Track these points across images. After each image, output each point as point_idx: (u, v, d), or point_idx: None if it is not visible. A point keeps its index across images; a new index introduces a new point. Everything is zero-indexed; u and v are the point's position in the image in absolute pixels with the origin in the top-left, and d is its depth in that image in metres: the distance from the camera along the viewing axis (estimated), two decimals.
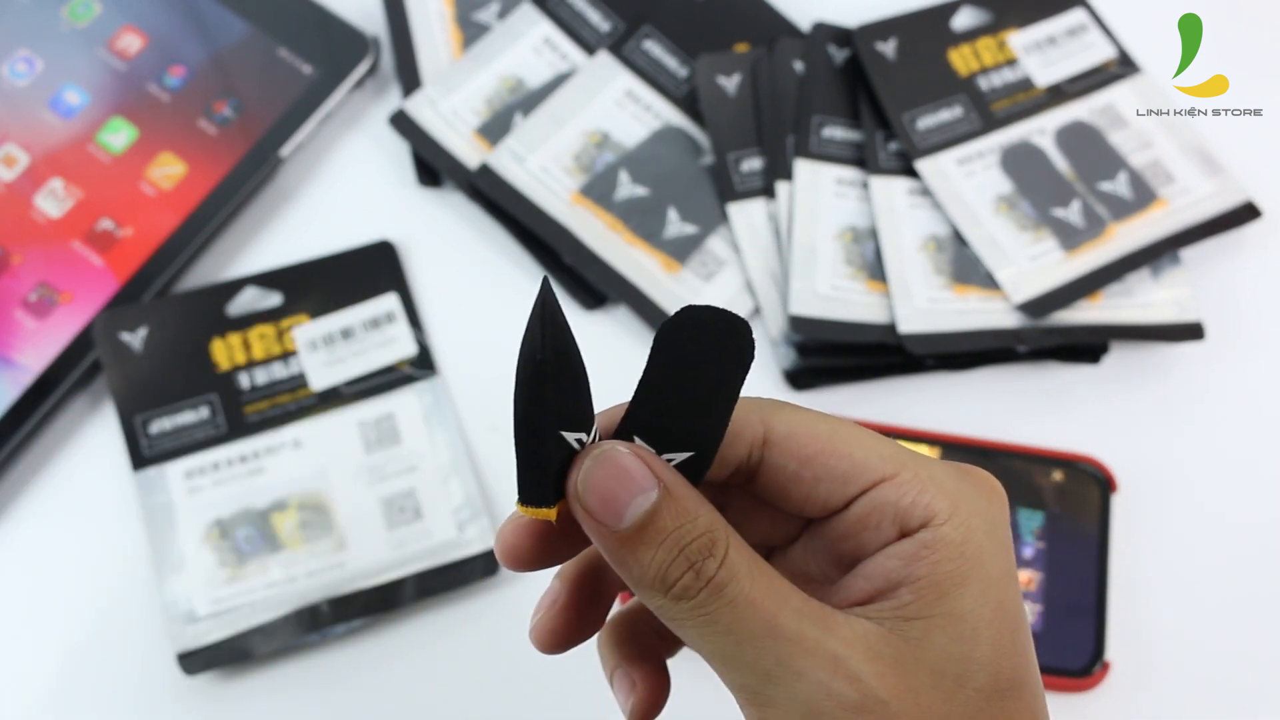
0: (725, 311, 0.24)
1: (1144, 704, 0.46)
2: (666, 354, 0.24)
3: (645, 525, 0.24)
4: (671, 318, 0.24)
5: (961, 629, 0.24)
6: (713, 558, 0.24)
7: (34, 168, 0.53)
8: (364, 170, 0.55)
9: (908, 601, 0.24)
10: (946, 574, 0.24)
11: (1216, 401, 0.52)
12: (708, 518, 0.24)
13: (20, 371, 0.49)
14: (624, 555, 0.24)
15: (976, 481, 0.26)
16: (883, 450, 0.26)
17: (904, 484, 0.25)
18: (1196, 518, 0.50)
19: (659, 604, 0.24)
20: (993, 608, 0.24)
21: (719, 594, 0.23)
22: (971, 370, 0.52)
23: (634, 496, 0.24)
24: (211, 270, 0.53)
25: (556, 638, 0.28)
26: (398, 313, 0.51)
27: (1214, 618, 0.48)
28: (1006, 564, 0.25)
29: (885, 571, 0.25)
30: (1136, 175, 0.54)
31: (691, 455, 0.25)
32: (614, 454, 0.24)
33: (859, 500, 0.26)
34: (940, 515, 0.25)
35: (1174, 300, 0.52)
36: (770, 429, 0.26)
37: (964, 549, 0.24)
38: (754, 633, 0.23)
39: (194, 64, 0.54)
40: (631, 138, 0.54)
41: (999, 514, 0.26)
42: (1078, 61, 0.56)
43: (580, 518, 0.24)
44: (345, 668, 0.46)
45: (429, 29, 0.56)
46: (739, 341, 0.24)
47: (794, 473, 0.26)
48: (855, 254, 0.52)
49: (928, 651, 0.24)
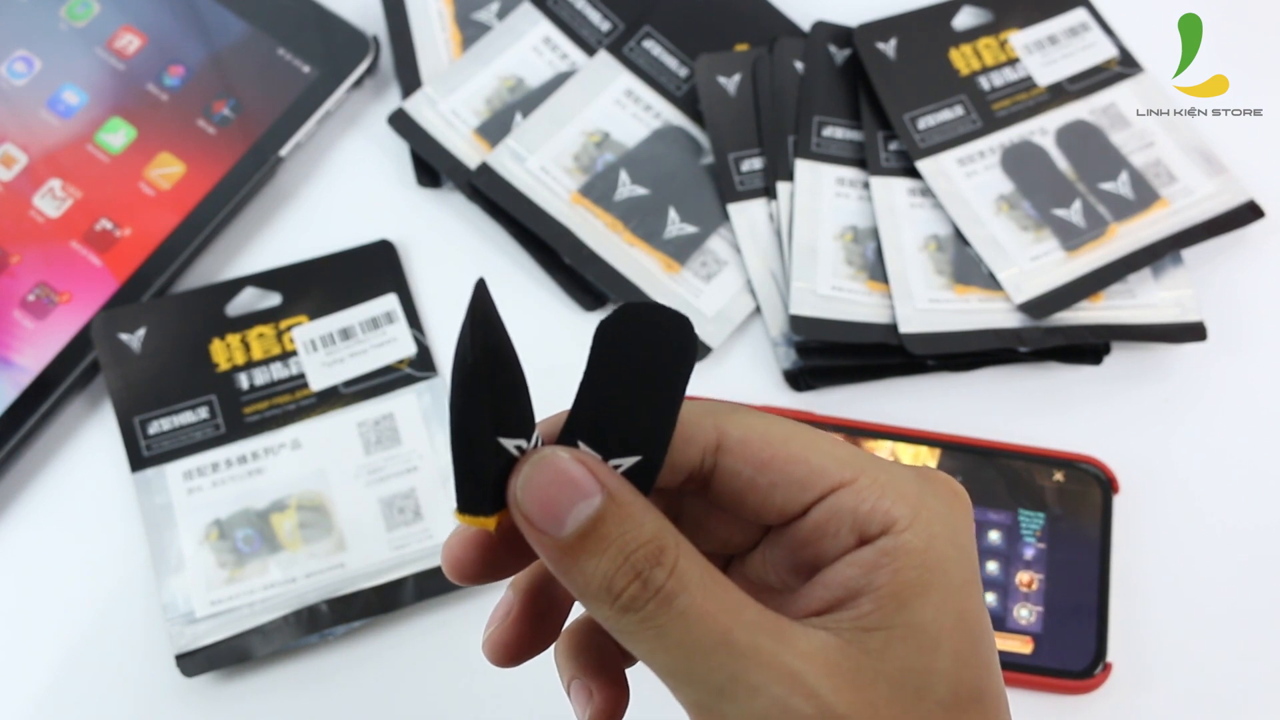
0: (665, 308, 0.24)
1: (1145, 705, 0.46)
2: (606, 354, 0.24)
3: (588, 533, 0.23)
4: (610, 316, 0.23)
5: (922, 640, 0.23)
6: (661, 566, 0.23)
7: (32, 168, 0.52)
8: (363, 170, 0.55)
9: (867, 611, 0.23)
10: (907, 583, 0.23)
11: (1218, 402, 0.52)
12: (655, 524, 0.23)
13: (19, 372, 0.49)
14: (567, 564, 0.23)
15: (938, 486, 0.25)
16: (840, 454, 0.25)
17: (863, 489, 0.24)
18: (1198, 518, 0.50)
19: (605, 615, 0.23)
20: (954, 617, 0.24)
21: (668, 605, 0.22)
22: (972, 371, 0.52)
23: (576, 503, 0.23)
24: (210, 270, 0.53)
25: (510, 650, 0.27)
26: (397, 313, 0.51)
27: (1216, 619, 0.48)
28: (969, 571, 0.24)
29: (844, 580, 0.24)
30: (1138, 175, 0.54)
31: (639, 460, 0.24)
32: (554, 459, 0.23)
33: (816, 507, 0.25)
34: (901, 522, 0.24)
35: (1176, 300, 0.52)
36: (724, 434, 0.25)
37: (925, 556, 0.24)
38: (706, 646, 0.22)
39: (193, 64, 0.54)
40: (631, 138, 0.54)
41: (961, 520, 0.25)
42: (1079, 61, 0.56)
43: (521, 525, 0.23)
44: (345, 668, 0.46)
45: (429, 29, 0.56)
46: (680, 339, 0.24)
47: (749, 479, 0.25)
48: (856, 254, 0.52)
49: (887, 664, 0.23)
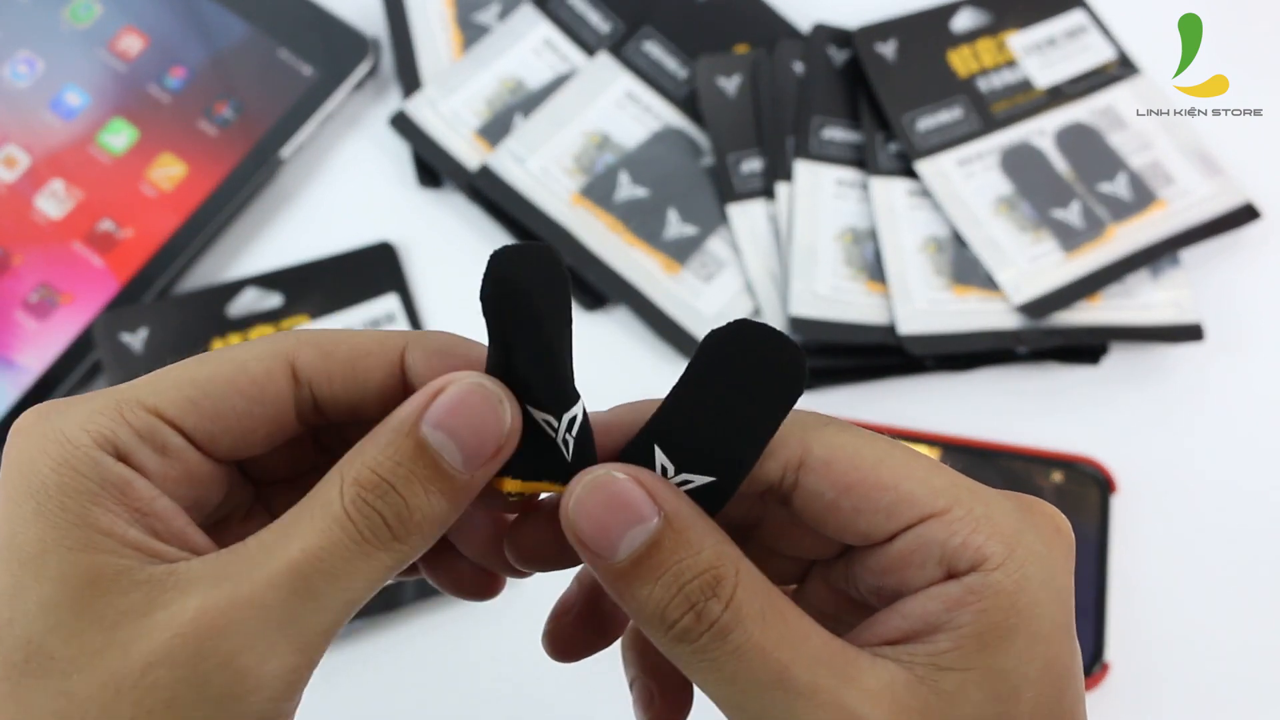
0: (782, 335, 0.22)
1: (1144, 705, 0.46)
2: (709, 366, 0.22)
3: (642, 559, 0.22)
4: (721, 328, 0.22)
5: (1001, 687, 0.22)
6: (717, 599, 0.22)
7: (35, 169, 0.53)
8: (364, 171, 0.55)
9: (945, 649, 0.22)
10: (992, 624, 0.22)
11: (1216, 402, 0.52)
12: (713, 551, 0.22)
13: (21, 373, 0.49)
14: (620, 589, 0.22)
15: (1039, 521, 0.23)
16: (934, 483, 0.23)
17: (955, 521, 0.22)
18: (1196, 519, 0.50)
19: (661, 642, 0.23)
20: (1040, 666, 0.22)
21: (723, 639, 0.21)
22: (971, 371, 0.52)
23: (630, 527, 0.22)
24: (212, 271, 0.53)
25: (568, 646, 0.27)
26: (398, 314, 0.51)
27: (1214, 618, 0.48)
28: (1063, 617, 0.23)
29: (925, 613, 0.22)
30: (1136, 176, 0.54)
31: (712, 481, 0.23)
32: (609, 481, 0.22)
33: (903, 535, 0.23)
34: (993, 559, 0.22)
35: (1173, 301, 0.52)
36: (808, 450, 0.23)
37: (1015, 599, 0.22)
38: (761, 683, 0.21)
39: (194, 65, 0.55)
40: (632, 139, 0.54)
41: (1061, 560, 0.23)
42: (1077, 63, 0.56)
43: (574, 545, 0.23)
44: (345, 668, 0.46)
45: (429, 30, 0.56)
46: (793, 370, 0.22)
47: (831, 500, 0.23)
48: (855, 255, 0.52)
49: (961, 708, 0.21)
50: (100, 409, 0.23)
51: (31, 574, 0.21)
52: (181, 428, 0.23)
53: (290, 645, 0.21)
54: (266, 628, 0.21)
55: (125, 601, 0.21)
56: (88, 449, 0.22)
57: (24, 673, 0.21)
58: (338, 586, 0.22)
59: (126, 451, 0.22)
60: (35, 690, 0.21)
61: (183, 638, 0.20)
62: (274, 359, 0.24)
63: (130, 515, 0.22)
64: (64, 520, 0.21)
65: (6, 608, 0.21)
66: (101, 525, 0.21)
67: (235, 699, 0.21)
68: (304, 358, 0.24)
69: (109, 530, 0.21)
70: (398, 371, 0.24)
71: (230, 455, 0.24)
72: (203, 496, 0.24)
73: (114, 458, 0.22)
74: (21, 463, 0.22)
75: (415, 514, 0.22)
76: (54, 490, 0.21)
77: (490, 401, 0.22)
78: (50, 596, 0.21)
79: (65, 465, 0.22)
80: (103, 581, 0.21)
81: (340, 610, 0.22)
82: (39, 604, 0.21)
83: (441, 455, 0.22)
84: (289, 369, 0.24)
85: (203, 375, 0.24)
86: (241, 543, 0.22)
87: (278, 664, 0.21)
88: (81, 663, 0.21)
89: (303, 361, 0.24)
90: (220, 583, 0.21)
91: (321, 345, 0.24)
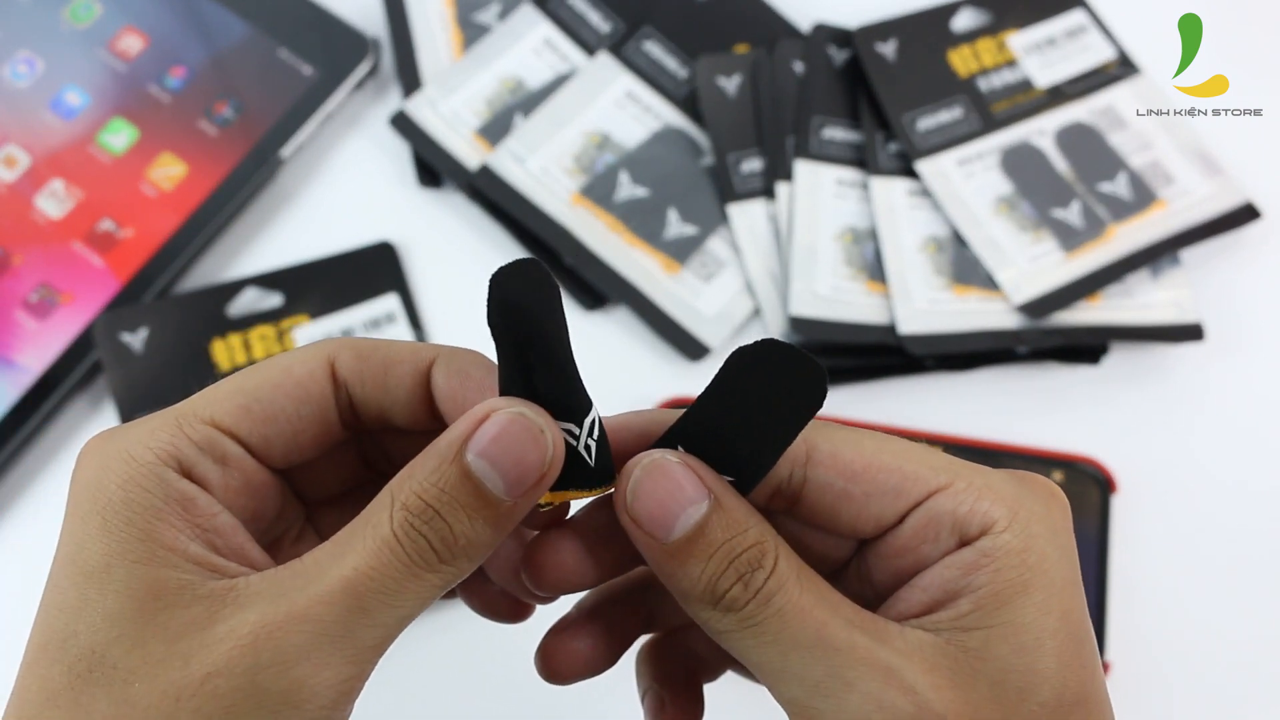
0: (808, 355, 0.24)
1: (1145, 705, 0.46)
2: (735, 379, 0.24)
3: (695, 538, 0.23)
4: (751, 345, 0.24)
5: (1024, 639, 0.23)
6: (762, 569, 0.23)
7: (35, 168, 0.53)
8: (364, 171, 0.55)
9: (967, 611, 0.23)
10: (1008, 582, 0.23)
11: (1216, 402, 0.52)
12: (758, 529, 0.24)
13: (21, 372, 0.49)
14: (672, 568, 0.24)
15: (1035, 487, 0.25)
16: (934, 461, 0.25)
17: (959, 493, 0.24)
18: (1196, 518, 0.50)
19: (706, 616, 0.24)
20: (1057, 617, 0.23)
21: (767, 603, 0.23)
22: (971, 371, 0.52)
23: (684, 508, 0.23)
24: (212, 271, 0.53)
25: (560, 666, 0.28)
26: (398, 314, 0.51)
27: (1214, 618, 0.48)
28: (1070, 571, 0.24)
29: (943, 582, 0.24)
30: (1136, 176, 0.54)
31: (731, 481, 0.25)
32: (664, 464, 0.24)
33: (914, 513, 0.25)
34: (1000, 522, 0.24)
35: (1173, 301, 0.52)
36: (813, 447, 0.25)
37: (1025, 556, 0.23)
38: (802, 642, 0.23)
39: (194, 65, 0.55)
40: (632, 139, 0.54)
41: (1060, 519, 0.25)
42: (1077, 63, 0.56)
43: (628, 528, 0.24)
44: None
45: (429, 30, 0.56)
46: (814, 390, 0.24)
47: (842, 490, 0.25)
48: (855, 255, 0.52)
49: (988, 663, 0.23)
50: (161, 425, 0.24)
51: (97, 587, 0.22)
52: (237, 435, 0.24)
53: (343, 658, 0.22)
54: (321, 641, 0.22)
55: (187, 615, 0.22)
56: (152, 465, 0.23)
57: (88, 681, 0.22)
58: (389, 604, 0.23)
59: (189, 464, 0.23)
60: (98, 698, 0.21)
61: (241, 649, 0.21)
62: (316, 361, 0.25)
63: (192, 531, 0.23)
64: (129, 535, 0.22)
65: (73, 620, 0.22)
66: (165, 540, 0.22)
67: (291, 707, 0.22)
68: (342, 359, 0.25)
69: (172, 545, 0.22)
70: (425, 382, 0.25)
71: (284, 460, 0.25)
72: (260, 508, 0.25)
73: (178, 473, 0.23)
74: (89, 482, 0.23)
75: (460, 539, 0.23)
76: (120, 506, 0.22)
77: (532, 431, 0.23)
78: (115, 609, 0.22)
79: (131, 482, 0.23)
80: (166, 595, 0.22)
81: (392, 626, 0.23)
82: (104, 616, 0.22)
83: (484, 483, 0.23)
84: (329, 369, 0.25)
85: (251, 383, 0.25)
86: (298, 560, 0.23)
87: (331, 675, 0.22)
88: (143, 672, 0.21)
89: (341, 362, 0.25)
90: (277, 598, 0.22)
91: (359, 349, 0.25)
